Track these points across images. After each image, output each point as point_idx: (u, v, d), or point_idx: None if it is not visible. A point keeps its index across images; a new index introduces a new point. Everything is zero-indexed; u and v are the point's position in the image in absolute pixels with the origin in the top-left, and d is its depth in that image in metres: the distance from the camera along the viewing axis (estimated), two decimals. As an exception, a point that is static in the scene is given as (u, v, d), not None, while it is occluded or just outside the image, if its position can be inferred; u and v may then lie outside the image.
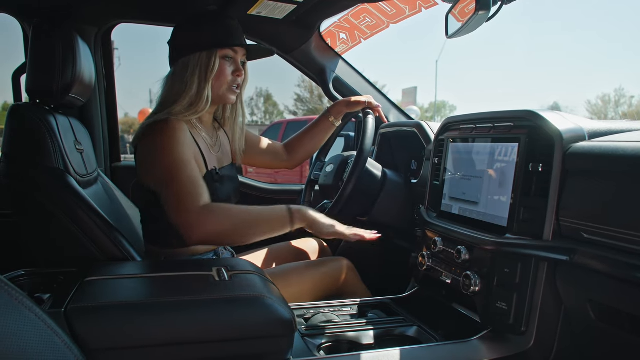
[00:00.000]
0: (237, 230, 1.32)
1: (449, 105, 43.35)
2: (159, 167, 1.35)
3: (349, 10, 2.19)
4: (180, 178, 1.31)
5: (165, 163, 1.34)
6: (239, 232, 1.33)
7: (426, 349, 1.26)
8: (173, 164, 1.33)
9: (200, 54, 1.45)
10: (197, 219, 1.27)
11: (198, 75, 1.45)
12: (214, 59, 1.45)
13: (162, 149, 1.35)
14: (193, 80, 1.45)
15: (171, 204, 1.31)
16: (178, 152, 1.35)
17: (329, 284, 1.72)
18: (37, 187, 1.40)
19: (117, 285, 1.10)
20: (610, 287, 1.03)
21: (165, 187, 1.33)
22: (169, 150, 1.34)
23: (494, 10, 1.30)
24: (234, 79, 1.51)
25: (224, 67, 1.48)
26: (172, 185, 1.31)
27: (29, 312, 0.71)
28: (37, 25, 1.49)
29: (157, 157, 1.36)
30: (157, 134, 1.37)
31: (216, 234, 1.30)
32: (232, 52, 1.50)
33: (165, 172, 1.33)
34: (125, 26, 2.16)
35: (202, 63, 1.45)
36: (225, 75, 1.49)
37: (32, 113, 1.44)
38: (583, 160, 1.09)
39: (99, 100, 2.15)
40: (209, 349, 1.00)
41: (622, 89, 42.78)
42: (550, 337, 1.20)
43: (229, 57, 1.49)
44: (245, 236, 1.34)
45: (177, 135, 1.37)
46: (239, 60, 1.52)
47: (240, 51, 1.52)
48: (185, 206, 1.28)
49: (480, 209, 1.35)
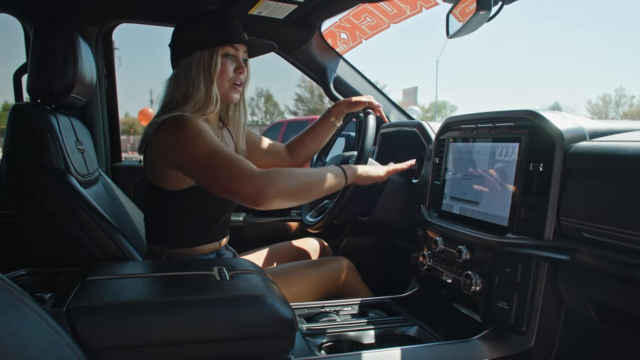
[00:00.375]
0: (301, 187, 1.33)
1: (450, 105, 43.40)
2: (193, 155, 1.32)
3: (350, 10, 2.19)
4: (223, 155, 1.30)
5: (200, 149, 1.31)
6: (304, 190, 1.35)
7: (427, 349, 1.26)
8: (210, 147, 1.31)
9: (201, 53, 1.44)
10: (262, 183, 1.25)
11: (203, 75, 1.44)
12: (215, 57, 1.45)
13: (192, 136, 1.32)
14: (198, 80, 1.44)
15: (225, 182, 1.28)
16: (208, 136, 1.33)
17: (330, 283, 1.72)
18: (38, 187, 1.40)
19: (119, 285, 1.10)
20: (611, 287, 1.03)
21: (209, 170, 1.30)
22: (200, 137, 1.32)
23: (495, 10, 1.30)
24: (236, 76, 1.50)
25: (225, 65, 1.47)
26: (217, 165, 1.29)
27: (31, 311, 0.71)
28: (38, 25, 1.49)
29: (187, 146, 1.32)
30: (181, 127, 1.34)
31: (285, 193, 1.28)
32: (233, 49, 1.49)
33: (204, 157, 1.30)
34: (126, 26, 2.16)
35: (204, 62, 1.44)
36: (227, 73, 1.48)
37: (33, 113, 1.44)
38: (584, 160, 1.09)
39: (100, 100, 2.15)
40: (210, 349, 1.00)
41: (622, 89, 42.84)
42: (551, 337, 1.20)
43: (230, 54, 1.48)
44: (309, 193, 1.38)
45: (201, 124, 1.36)
46: (240, 57, 1.51)
47: (241, 48, 1.51)
48: (243, 177, 1.26)
49: (481, 209, 1.36)
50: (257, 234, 2.26)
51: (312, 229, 1.79)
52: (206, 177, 1.32)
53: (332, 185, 1.40)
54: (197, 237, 1.51)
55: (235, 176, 1.26)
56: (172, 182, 1.42)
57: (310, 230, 1.81)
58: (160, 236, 1.52)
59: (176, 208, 1.46)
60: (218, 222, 1.55)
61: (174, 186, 1.43)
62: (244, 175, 1.26)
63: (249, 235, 2.26)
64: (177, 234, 1.49)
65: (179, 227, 1.49)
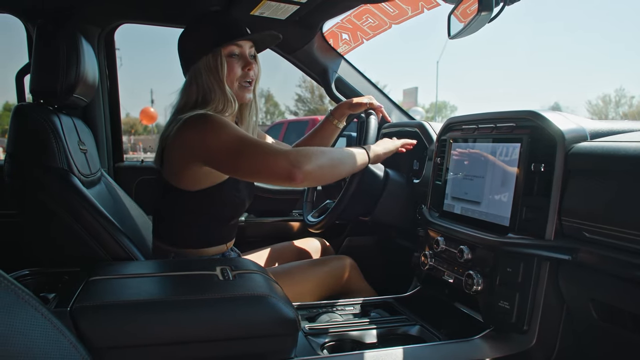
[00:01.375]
0: (332, 163, 1.39)
1: (450, 106, 43.33)
2: (224, 143, 1.31)
3: (352, 11, 2.19)
4: (252, 140, 1.31)
5: (230, 137, 1.31)
6: (335, 166, 1.40)
7: (429, 348, 1.26)
8: (238, 135, 1.32)
9: (206, 57, 1.44)
10: (297, 158, 1.28)
11: (213, 77, 1.44)
12: (220, 59, 1.44)
13: (219, 128, 1.32)
14: (210, 85, 1.44)
15: (260, 162, 1.29)
16: (234, 127, 1.34)
17: (332, 282, 1.73)
18: (41, 187, 1.40)
19: (122, 285, 1.10)
20: (612, 286, 1.04)
21: (242, 155, 1.30)
22: (227, 127, 1.33)
23: (497, 11, 1.30)
24: (244, 74, 1.48)
25: (232, 65, 1.46)
26: (249, 148, 1.30)
27: (36, 311, 0.71)
28: (41, 26, 1.50)
29: (217, 137, 1.32)
30: (206, 121, 1.34)
31: (319, 168, 1.32)
32: (237, 47, 1.47)
33: (235, 144, 1.31)
34: (127, 26, 2.17)
35: (211, 65, 1.44)
36: (235, 72, 1.47)
37: (36, 113, 1.45)
38: (585, 160, 1.10)
39: (102, 101, 2.15)
40: (213, 348, 1.00)
41: (622, 89, 42.72)
42: (552, 336, 1.21)
43: (235, 53, 1.47)
44: (339, 170, 1.44)
45: (225, 119, 1.36)
46: (246, 54, 1.49)
47: (245, 45, 1.49)
48: (277, 154, 1.28)
49: (482, 209, 1.36)
50: (259, 233, 2.26)
51: (314, 229, 1.79)
52: (239, 163, 1.32)
53: (358, 164, 1.49)
54: (205, 238, 1.52)
55: (269, 155, 1.28)
56: (190, 181, 1.42)
57: (311, 230, 1.82)
58: (168, 235, 1.52)
59: (188, 208, 1.47)
60: (227, 225, 1.56)
61: (190, 186, 1.43)
62: (277, 153, 1.28)
63: (251, 235, 2.26)
64: (185, 234, 1.50)
65: (188, 227, 1.49)
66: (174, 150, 1.41)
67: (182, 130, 1.36)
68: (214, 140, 1.32)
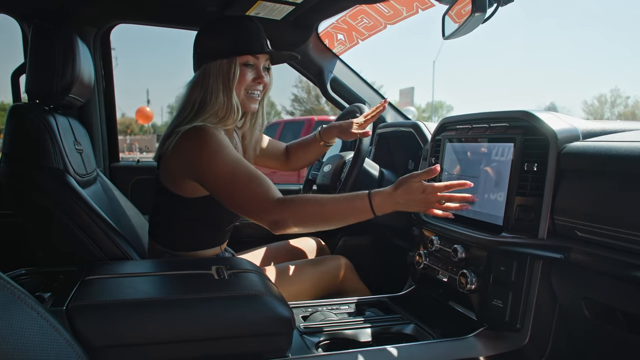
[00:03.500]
0: (328, 222, 1.29)
1: (446, 106, 43.45)
2: (214, 174, 1.31)
3: (347, 12, 2.20)
4: (243, 174, 1.29)
5: (221, 169, 1.30)
6: (329, 223, 1.29)
7: (423, 347, 1.27)
8: (230, 167, 1.30)
9: (220, 61, 1.42)
10: (281, 215, 1.25)
11: (222, 83, 1.42)
12: (234, 67, 1.42)
13: (213, 153, 1.31)
14: (217, 89, 1.42)
15: (244, 206, 1.29)
16: (229, 153, 1.32)
17: (328, 282, 1.73)
18: (37, 187, 1.40)
19: (117, 284, 1.11)
20: (604, 285, 1.05)
21: (228, 192, 1.30)
22: (220, 155, 1.31)
23: (490, 11, 1.31)
24: (253, 85, 1.46)
25: (244, 74, 1.44)
26: (237, 186, 1.29)
27: (32, 310, 0.72)
28: (36, 26, 1.50)
29: (208, 164, 1.31)
30: (202, 141, 1.32)
31: (305, 224, 1.28)
32: (254, 58, 1.45)
33: (224, 177, 1.30)
34: (122, 26, 2.17)
35: (223, 71, 1.42)
36: (245, 81, 1.44)
37: (32, 113, 1.45)
38: (577, 160, 1.11)
39: (98, 101, 2.15)
40: (209, 347, 1.01)
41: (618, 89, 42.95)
42: (545, 334, 1.22)
43: (250, 64, 1.45)
44: (330, 225, 1.30)
45: (222, 139, 1.34)
46: (260, 66, 1.47)
47: (262, 57, 1.47)
48: (262, 204, 1.26)
49: (476, 208, 1.37)
50: (254, 233, 2.27)
51: (310, 229, 1.80)
52: (225, 197, 1.32)
53: (357, 218, 1.27)
54: (200, 242, 1.52)
55: (254, 202, 1.27)
56: (187, 189, 1.42)
57: (307, 229, 1.82)
58: (163, 237, 1.52)
59: (185, 213, 1.46)
60: (223, 231, 1.57)
61: (188, 193, 1.43)
62: (263, 203, 1.26)
63: (247, 235, 2.26)
64: (180, 238, 1.50)
65: (185, 231, 1.49)
66: (171, 160, 1.40)
67: (180, 144, 1.35)
68: (206, 165, 1.31)
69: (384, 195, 1.23)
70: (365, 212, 1.24)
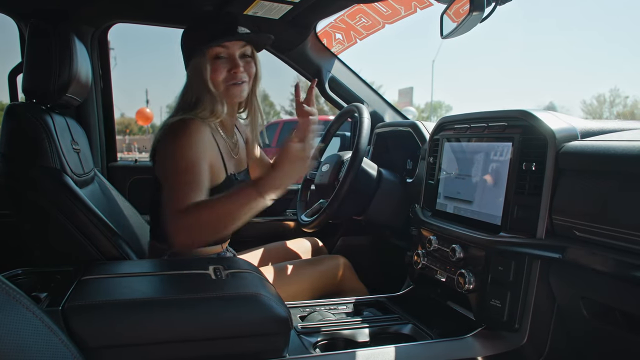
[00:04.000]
0: (226, 227, 1.25)
1: (445, 105, 43.48)
2: (169, 164, 1.34)
3: (345, 11, 2.20)
4: (186, 180, 1.29)
5: (175, 162, 1.32)
6: (227, 227, 1.25)
7: (421, 347, 1.27)
8: (185, 165, 1.31)
9: (195, 59, 1.44)
10: (180, 239, 1.23)
11: (200, 79, 1.43)
12: (205, 61, 1.43)
13: (178, 147, 1.33)
14: (198, 86, 1.44)
15: (166, 204, 1.29)
16: (191, 153, 1.32)
17: (326, 281, 1.73)
18: (34, 186, 1.40)
19: (114, 284, 1.10)
20: (602, 285, 1.05)
21: (168, 183, 1.32)
22: (183, 150, 1.32)
23: (488, 11, 1.31)
24: (230, 76, 1.45)
25: (218, 67, 1.43)
26: (174, 184, 1.29)
27: (27, 310, 0.71)
28: (33, 25, 1.49)
29: (170, 155, 1.35)
30: (178, 132, 1.35)
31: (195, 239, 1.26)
32: (223, 48, 1.44)
33: (175, 170, 1.31)
34: (121, 26, 2.16)
35: (198, 68, 1.43)
36: (219, 74, 1.44)
37: (29, 112, 1.45)
38: (575, 159, 1.11)
39: (96, 100, 2.15)
40: (206, 347, 1.00)
41: (617, 89, 43.01)
42: (543, 334, 1.22)
43: (222, 56, 1.44)
44: (226, 228, 1.26)
45: (195, 136, 1.35)
46: (235, 55, 1.45)
47: (233, 46, 1.45)
48: (176, 216, 1.23)
49: (474, 208, 1.37)
50: (252, 233, 2.26)
51: (308, 228, 1.80)
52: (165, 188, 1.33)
53: (250, 209, 1.22)
54: None
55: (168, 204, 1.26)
56: None
57: (305, 229, 1.82)
58: (163, 235, 1.51)
59: None
60: None
61: None
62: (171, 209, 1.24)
63: (245, 235, 2.26)
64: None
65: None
66: (158, 153, 1.42)
67: (166, 135, 1.37)
68: (169, 153, 1.34)
69: (268, 177, 1.20)
70: (254, 199, 1.19)
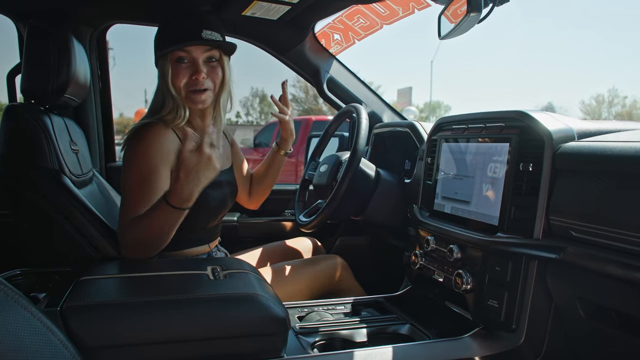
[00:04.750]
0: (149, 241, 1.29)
1: (444, 106, 43.41)
2: (125, 174, 1.35)
3: (343, 12, 2.20)
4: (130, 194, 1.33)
5: (130, 173, 1.34)
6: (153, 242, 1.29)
7: (419, 347, 1.27)
8: (135, 176, 1.33)
9: (160, 60, 1.43)
10: (121, 240, 1.30)
11: (163, 83, 1.42)
12: (166, 65, 1.41)
13: (136, 155, 1.35)
14: (161, 88, 1.43)
15: (120, 216, 1.33)
16: (148, 162, 1.33)
17: (324, 282, 1.73)
18: (32, 187, 1.40)
19: (112, 284, 1.11)
20: (599, 285, 1.05)
21: (124, 190, 1.35)
22: (141, 158, 1.34)
23: (486, 11, 1.32)
24: (191, 82, 1.41)
25: (178, 71, 1.40)
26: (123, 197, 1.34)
27: (25, 310, 0.72)
28: (32, 26, 1.50)
29: (128, 163, 1.36)
30: (136, 139, 1.36)
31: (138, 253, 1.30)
32: (184, 52, 1.40)
33: (126, 182, 1.34)
34: (120, 26, 2.16)
35: (161, 69, 1.43)
36: (179, 79, 1.41)
37: (27, 113, 1.45)
38: (572, 159, 1.11)
39: (94, 101, 2.15)
40: (204, 347, 1.01)
41: (615, 89, 42.88)
42: (540, 334, 1.22)
43: (184, 60, 1.40)
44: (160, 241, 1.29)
45: (154, 143, 1.34)
46: (199, 60, 1.41)
47: (197, 50, 1.40)
48: (125, 229, 1.29)
49: (472, 208, 1.37)
50: (250, 233, 2.27)
51: (306, 229, 1.80)
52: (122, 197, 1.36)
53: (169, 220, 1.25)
54: (184, 241, 1.48)
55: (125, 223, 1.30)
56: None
57: (303, 229, 1.82)
58: None
59: None
60: (205, 229, 1.55)
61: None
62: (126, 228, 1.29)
63: (243, 235, 2.26)
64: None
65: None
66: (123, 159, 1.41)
67: (129, 139, 1.38)
68: (129, 160, 1.36)
69: (173, 189, 1.21)
70: (168, 210, 1.22)
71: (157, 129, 1.36)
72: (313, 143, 2.29)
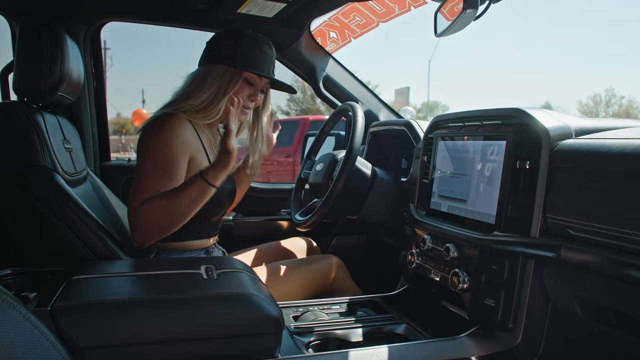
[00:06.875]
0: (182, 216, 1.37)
1: (442, 105, 43.38)
2: (143, 157, 1.40)
3: (339, 9, 2.19)
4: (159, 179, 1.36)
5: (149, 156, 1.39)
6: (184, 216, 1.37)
7: (415, 346, 1.26)
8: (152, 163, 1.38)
9: (227, 68, 1.50)
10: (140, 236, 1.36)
11: (218, 86, 1.50)
12: (237, 78, 1.52)
13: (157, 143, 1.40)
14: (210, 89, 1.50)
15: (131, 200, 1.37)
16: (168, 150, 1.39)
17: (319, 281, 1.72)
18: (24, 185, 1.39)
19: (104, 284, 1.09)
20: (596, 284, 1.04)
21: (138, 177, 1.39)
22: (161, 146, 1.40)
23: (482, 8, 1.31)
24: (246, 102, 1.56)
25: (243, 89, 1.54)
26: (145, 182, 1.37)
27: (13, 310, 0.70)
28: (24, 23, 1.48)
29: (146, 150, 1.41)
30: (157, 128, 1.42)
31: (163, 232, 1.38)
32: (257, 78, 1.56)
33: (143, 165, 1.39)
34: (118, 26, 2.16)
35: (225, 77, 1.50)
36: (240, 94, 1.52)
37: (19, 111, 1.43)
38: (569, 157, 1.10)
39: (88, 99, 2.13)
40: (197, 347, 1.00)
41: (612, 89, 43.07)
42: (538, 334, 1.21)
43: (251, 82, 1.55)
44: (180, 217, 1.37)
45: (172, 133, 1.41)
46: (259, 86, 1.58)
47: (264, 80, 1.58)
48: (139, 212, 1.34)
49: (468, 207, 1.36)
50: (246, 233, 2.26)
51: (302, 228, 1.79)
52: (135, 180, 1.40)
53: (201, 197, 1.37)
54: (186, 234, 1.50)
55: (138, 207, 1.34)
56: None
57: (299, 229, 1.81)
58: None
59: None
60: (206, 222, 1.55)
61: None
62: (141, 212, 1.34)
63: (239, 235, 2.25)
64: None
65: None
66: (141, 146, 1.45)
67: (149, 127, 1.44)
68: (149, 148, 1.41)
69: (212, 168, 1.36)
70: (205, 188, 1.35)
71: (177, 119, 1.44)
72: (309, 142, 2.28)
